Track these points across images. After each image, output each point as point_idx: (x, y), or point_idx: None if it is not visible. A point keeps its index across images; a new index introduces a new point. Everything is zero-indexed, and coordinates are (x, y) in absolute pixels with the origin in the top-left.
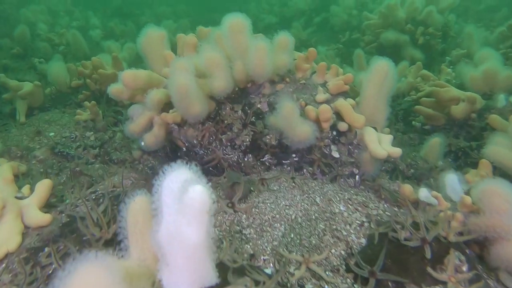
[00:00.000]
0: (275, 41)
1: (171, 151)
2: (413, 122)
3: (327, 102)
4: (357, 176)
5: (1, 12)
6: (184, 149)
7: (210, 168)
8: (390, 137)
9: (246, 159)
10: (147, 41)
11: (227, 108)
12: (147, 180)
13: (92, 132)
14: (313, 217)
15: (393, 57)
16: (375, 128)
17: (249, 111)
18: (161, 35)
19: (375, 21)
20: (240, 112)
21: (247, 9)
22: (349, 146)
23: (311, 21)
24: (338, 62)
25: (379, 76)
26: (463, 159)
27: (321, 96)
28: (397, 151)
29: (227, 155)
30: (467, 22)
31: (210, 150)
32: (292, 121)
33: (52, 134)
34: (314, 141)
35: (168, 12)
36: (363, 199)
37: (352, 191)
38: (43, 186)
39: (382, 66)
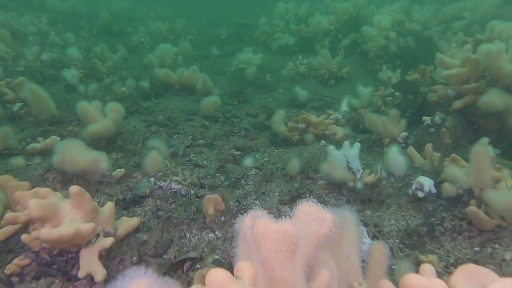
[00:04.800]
0: None
1: None
2: None
3: None
4: None
5: None
6: None
7: None
8: None
9: None
10: None
11: None
12: None
13: None
14: None
15: (487, 122)
16: None
17: None
18: None
19: (459, 71)
20: None
21: (256, 25)
22: None
23: (337, 42)
24: (405, 124)
25: None
26: None
27: None
28: None
29: None
30: None
31: None
32: None
33: None
34: None
35: (164, 29)
36: None
37: None
38: None
39: None
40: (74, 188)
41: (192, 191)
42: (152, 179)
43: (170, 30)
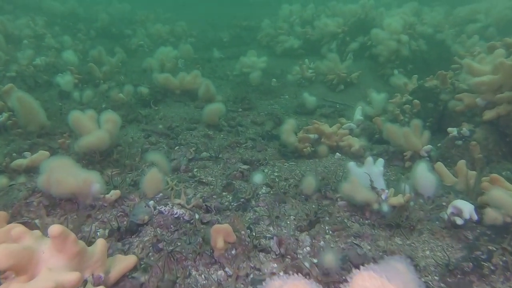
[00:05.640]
0: None
1: None
2: None
3: None
4: None
5: None
6: None
7: None
8: None
9: None
10: None
11: None
12: None
13: None
14: None
15: None
16: None
17: None
18: None
19: (491, 78)
20: None
21: (259, 27)
22: None
23: (344, 46)
24: (428, 136)
25: None
26: None
27: None
28: None
29: None
30: None
31: None
32: None
33: None
34: None
35: (164, 31)
36: None
37: None
38: None
39: None
40: (55, 229)
41: (196, 216)
42: (151, 202)
43: (171, 33)
